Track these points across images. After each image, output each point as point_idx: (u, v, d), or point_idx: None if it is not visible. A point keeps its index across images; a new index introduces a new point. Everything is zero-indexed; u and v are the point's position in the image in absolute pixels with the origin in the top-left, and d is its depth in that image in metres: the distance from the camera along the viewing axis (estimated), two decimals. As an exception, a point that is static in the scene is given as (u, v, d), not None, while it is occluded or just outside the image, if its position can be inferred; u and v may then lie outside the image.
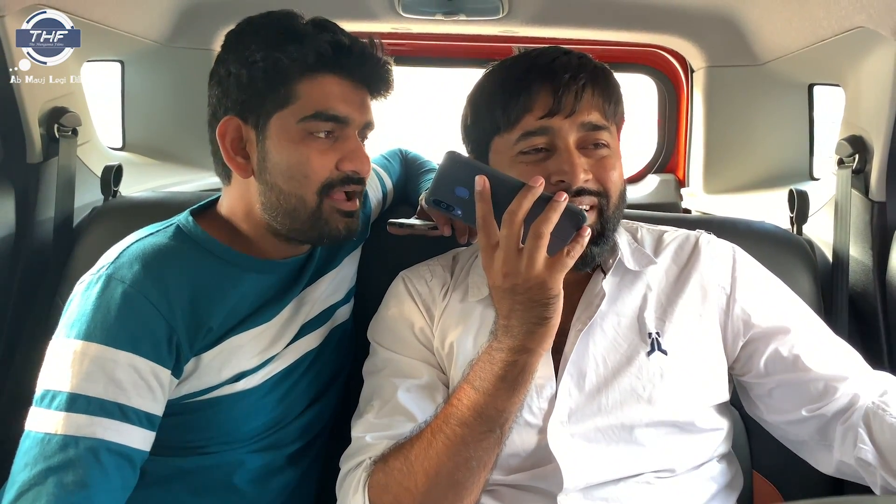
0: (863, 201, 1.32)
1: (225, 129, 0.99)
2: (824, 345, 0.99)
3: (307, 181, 0.97)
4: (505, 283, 0.82)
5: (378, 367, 1.04)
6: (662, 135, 2.29)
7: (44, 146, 1.44)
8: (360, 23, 1.78)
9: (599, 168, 0.96)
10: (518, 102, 0.95)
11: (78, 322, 0.89)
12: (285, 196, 0.98)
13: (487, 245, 0.83)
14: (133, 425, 0.88)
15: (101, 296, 0.90)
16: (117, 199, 1.52)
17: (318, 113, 0.96)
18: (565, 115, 0.94)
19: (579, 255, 0.82)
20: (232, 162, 1.00)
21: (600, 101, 0.96)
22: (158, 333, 0.91)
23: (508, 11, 1.63)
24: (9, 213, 1.40)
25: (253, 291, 1.02)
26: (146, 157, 1.97)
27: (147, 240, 0.99)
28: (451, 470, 0.86)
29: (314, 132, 0.97)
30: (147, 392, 0.89)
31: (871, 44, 1.27)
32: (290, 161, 0.97)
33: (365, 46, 0.99)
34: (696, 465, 0.97)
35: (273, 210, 0.99)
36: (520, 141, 0.95)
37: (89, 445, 0.84)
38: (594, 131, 0.96)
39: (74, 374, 0.86)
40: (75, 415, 0.84)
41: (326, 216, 1.00)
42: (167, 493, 0.97)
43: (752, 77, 1.79)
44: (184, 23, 1.76)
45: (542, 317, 0.83)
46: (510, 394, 0.85)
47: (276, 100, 0.96)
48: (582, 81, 0.94)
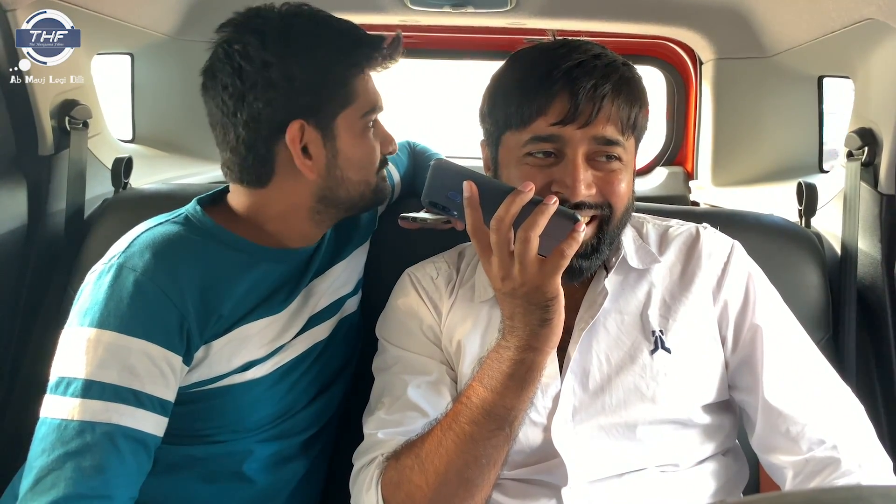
0: (872, 194, 1.32)
1: (295, 133, 0.97)
2: (790, 374, 0.95)
3: (371, 166, 1.06)
4: (503, 287, 0.83)
5: (388, 364, 1.04)
6: (671, 127, 2.28)
7: (55, 138, 1.45)
8: (368, 15, 1.78)
9: (606, 182, 0.92)
10: (533, 104, 0.91)
11: (91, 310, 0.90)
12: (353, 185, 1.04)
13: (481, 251, 0.84)
14: (147, 411, 0.89)
15: (112, 284, 0.92)
16: (128, 191, 1.53)
17: (373, 108, 1.03)
18: (579, 125, 0.90)
19: (569, 262, 0.81)
20: (303, 165, 0.99)
21: (619, 113, 0.91)
22: (170, 321, 0.92)
23: (517, 3, 1.63)
24: (21, 205, 1.42)
25: (262, 281, 1.03)
26: (156, 150, 1.98)
27: (157, 229, 1.00)
28: (462, 467, 0.87)
29: (370, 124, 1.03)
30: (160, 378, 0.91)
31: (881, 35, 1.26)
32: (361, 153, 1.03)
33: (384, 41, 1.03)
34: (700, 459, 0.97)
35: (335, 201, 1.04)
36: (529, 143, 0.93)
37: (105, 431, 0.85)
38: (607, 146, 0.92)
39: (89, 362, 0.87)
40: (91, 401, 0.86)
41: (381, 185, 1.09)
42: (178, 480, 0.99)
43: (762, 69, 1.78)
44: (193, 16, 1.77)
45: (543, 318, 0.83)
46: (519, 392, 0.86)
47: (338, 100, 0.99)
48: (603, 92, 0.90)
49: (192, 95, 1.94)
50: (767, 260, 1.06)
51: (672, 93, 2.25)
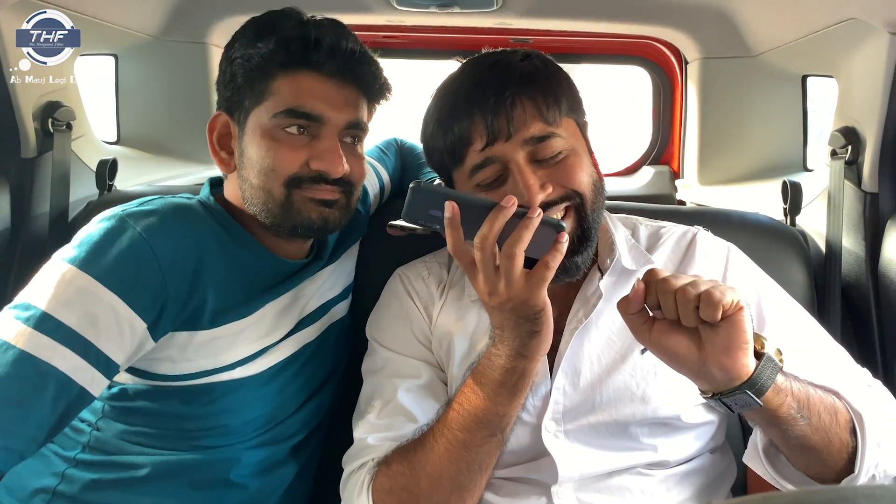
0: (855, 192, 1.33)
1: (214, 124, 1.02)
2: (812, 350, 0.96)
3: (273, 174, 0.97)
4: (491, 301, 0.82)
5: (378, 366, 1.04)
6: (657, 126, 2.29)
7: (38, 141, 1.44)
8: (354, 15, 1.77)
9: (560, 174, 0.91)
10: (456, 138, 0.92)
11: (78, 248, 0.90)
12: (255, 190, 0.99)
13: (466, 268, 0.83)
14: (91, 365, 0.87)
15: (109, 231, 0.91)
16: (113, 193, 1.52)
17: (289, 109, 0.96)
18: (504, 138, 0.89)
19: (559, 266, 0.81)
20: (216, 156, 1.03)
21: (536, 110, 0.90)
22: (151, 285, 0.90)
23: (503, 4, 1.63)
24: (4, 208, 1.40)
25: (252, 274, 1.03)
26: (141, 151, 1.96)
27: (170, 198, 1.00)
28: (454, 474, 0.87)
29: (286, 128, 0.97)
30: (117, 337, 0.88)
31: (864, 35, 1.27)
32: (260, 155, 0.97)
33: (337, 40, 0.98)
34: (689, 457, 0.98)
35: (251, 204, 1.01)
36: (472, 175, 0.93)
37: (42, 369, 0.83)
38: (542, 142, 0.90)
39: (55, 296, 0.86)
40: (41, 335, 0.84)
41: (298, 206, 0.99)
42: (168, 487, 0.98)
43: (746, 68, 1.79)
44: (177, 16, 1.76)
45: (531, 330, 0.84)
46: (510, 399, 0.86)
47: (253, 96, 0.98)
48: (510, 99, 0.89)
49: (177, 96, 1.95)
50: (753, 257, 1.07)
51: (658, 92, 2.26)
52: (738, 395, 0.76)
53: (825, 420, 0.82)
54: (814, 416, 0.81)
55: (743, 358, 0.75)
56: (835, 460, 0.84)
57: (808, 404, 0.81)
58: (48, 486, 0.96)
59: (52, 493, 0.96)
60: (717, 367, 0.75)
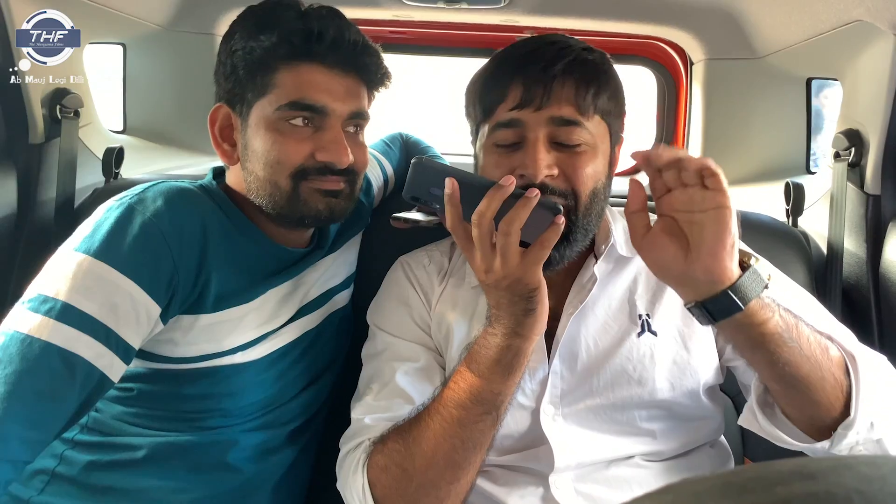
0: (858, 194, 1.33)
1: (215, 116, 1.03)
2: (819, 323, 0.94)
3: (280, 167, 0.98)
4: (486, 279, 0.84)
5: (377, 350, 1.05)
6: (661, 127, 2.30)
7: (46, 127, 1.45)
8: (362, 10, 1.78)
9: (569, 164, 0.92)
10: (494, 94, 0.95)
11: (90, 238, 0.90)
12: (261, 182, 1.00)
13: (463, 245, 0.84)
14: (112, 352, 0.88)
15: (119, 219, 0.91)
16: (118, 181, 1.53)
17: (293, 102, 0.97)
18: (535, 108, 0.91)
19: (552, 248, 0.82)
20: (218, 148, 1.04)
21: (574, 92, 0.92)
22: (163, 270, 0.91)
23: (510, 0, 1.64)
24: (10, 193, 1.41)
25: (253, 261, 1.03)
26: (147, 141, 1.97)
27: (175, 183, 1.01)
28: (449, 450, 0.88)
29: (290, 120, 0.98)
30: (135, 323, 0.90)
31: (870, 37, 1.27)
32: (266, 147, 0.98)
33: (339, 32, 0.98)
34: (686, 450, 0.98)
35: (256, 195, 1.01)
36: (493, 132, 0.95)
37: (70, 360, 0.84)
38: (565, 126, 0.92)
39: (74, 287, 0.86)
40: (65, 326, 0.85)
41: (305, 197, 1.00)
42: (165, 470, 0.99)
43: (751, 70, 1.79)
44: (186, 7, 1.76)
45: (527, 308, 0.85)
46: (505, 377, 0.87)
47: (255, 89, 0.98)
48: (552, 73, 0.91)
49: (185, 87, 1.96)
50: (754, 257, 1.07)
51: (662, 93, 2.26)
52: (721, 298, 0.76)
53: (816, 351, 0.81)
54: (804, 343, 0.80)
55: (728, 261, 0.76)
56: (829, 400, 0.82)
57: (797, 328, 0.80)
58: (47, 467, 0.97)
59: (50, 475, 0.97)
60: (701, 270, 0.76)
